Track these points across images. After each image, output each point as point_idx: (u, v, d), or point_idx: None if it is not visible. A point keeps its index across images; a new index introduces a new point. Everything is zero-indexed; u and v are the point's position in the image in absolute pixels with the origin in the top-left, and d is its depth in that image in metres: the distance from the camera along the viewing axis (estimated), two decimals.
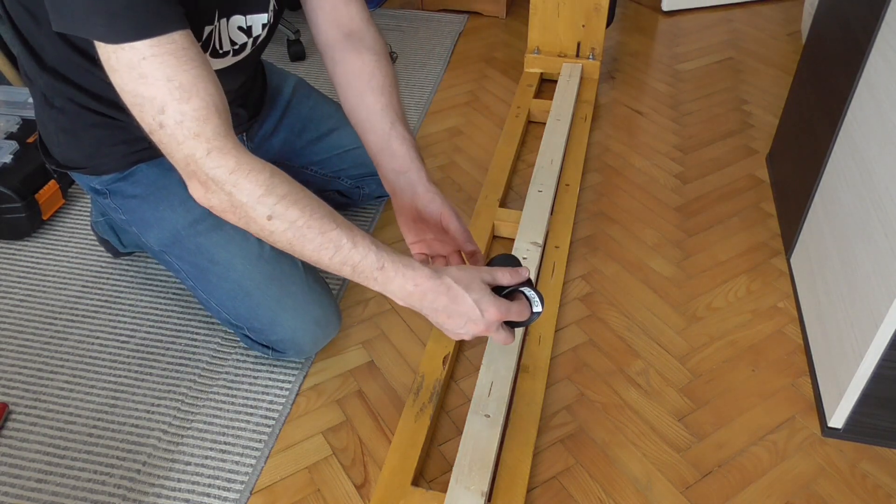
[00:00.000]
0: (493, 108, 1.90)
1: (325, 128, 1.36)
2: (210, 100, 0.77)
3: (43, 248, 1.45)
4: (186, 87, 0.75)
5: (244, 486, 1.03)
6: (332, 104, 1.40)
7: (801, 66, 1.46)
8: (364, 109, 1.00)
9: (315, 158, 1.37)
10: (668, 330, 1.28)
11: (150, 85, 0.74)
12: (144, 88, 0.74)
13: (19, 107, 1.61)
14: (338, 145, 1.36)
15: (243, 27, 1.00)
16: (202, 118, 0.76)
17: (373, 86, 0.99)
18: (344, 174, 1.40)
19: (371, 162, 1.37)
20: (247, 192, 0.78)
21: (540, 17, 1.89)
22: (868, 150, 1.08)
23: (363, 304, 1.33)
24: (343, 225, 0.82)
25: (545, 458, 1.08)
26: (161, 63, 0.74)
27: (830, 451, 1.08)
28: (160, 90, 0.74)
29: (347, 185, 1.42)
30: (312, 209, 0.80)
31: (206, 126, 0.76)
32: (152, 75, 0.74)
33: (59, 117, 1.05)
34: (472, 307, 0.82)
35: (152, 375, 1.19)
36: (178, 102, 0.75)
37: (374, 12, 2.37)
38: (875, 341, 0.97)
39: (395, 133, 0.98)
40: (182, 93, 0.75)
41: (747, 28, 2.27)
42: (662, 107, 1.89)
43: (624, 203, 1.57)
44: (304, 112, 1.35)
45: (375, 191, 1.45)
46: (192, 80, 0.76)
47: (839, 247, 1.14)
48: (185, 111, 0.75)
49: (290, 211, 0.79)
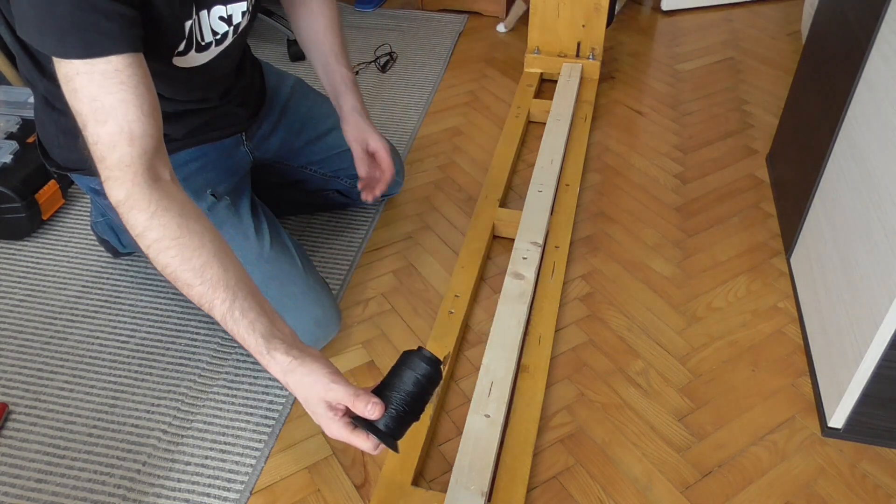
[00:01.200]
0: (493, 108, 1.90)
1: (324, 127, 1.36)
2: (127, 126, 0.78)
3: (43, 248, 1.45)
4: (106, 109, 0.78)
5: (244, 486, 1.03)
6: (328, 103, 1.39)
7: (801, 66, 1.46)
8: (314, 42, 1.23)
9: (314, 158, 1.37)
10: (668, 330, 1.28)
11: (79, 101, 0.78)
12: (75, 102, 0.78)
13: (19, 107, 1.61)
14: (336, 145, 1.36)
15: (224, 17, 1.00)
16: (111, 144, 0.78)
17: (322, 23, 1.21)
18: (343, 173, 1.40)
19: None
20: (131, 224, 0.80)
21: (540, 17, 1.89)
22: (868, 150, 1.08)
23: (363, 304, 1.33)
24: (210, 281, 0.80)
25: (545, 458, 1.08)
26: (89, 81, 0.77)
27: (830, 451, 1.08)
28: (85, 107, 0.78)
29: (346, 184, 1.42)
30: (184, 258, 0.80)
31: (113, 153, 0.78)
32: (81, 91, 0.77)
33: (60, 119, 1.05)
34: (314, 415, 0.80)
35: (152, 375, 1.19)
36: (95, 124, 0.78)
37: (374, 12, 2.38)
38: (875, 341, 0.97)
39: (333, 59, 1.22)
40: (101, 115, 0.78)
41: (747, 28, 2.27)
42: (662, 107, 1.89)
43: (624, 203, 1.57)
44: (303, 112, 1.35)
45: None
46: (114, 104, 0.78)
47: (839, 247, 1.14)
48: (100, 133, 0.78)
49: (161, 256, 0.80)
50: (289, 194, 1.45)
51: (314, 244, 1.45)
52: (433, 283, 1.37)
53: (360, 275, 1.40)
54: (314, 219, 1.52)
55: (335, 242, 1.46)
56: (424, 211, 1.55)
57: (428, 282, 1.38)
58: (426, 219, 1.53)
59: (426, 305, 1.33)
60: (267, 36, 2.23)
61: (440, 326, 1.23)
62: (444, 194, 1.60)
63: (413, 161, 1.70)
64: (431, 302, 1.34)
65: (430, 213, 1.55)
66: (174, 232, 0.80)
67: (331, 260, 1.42)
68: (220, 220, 1.14)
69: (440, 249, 1.45)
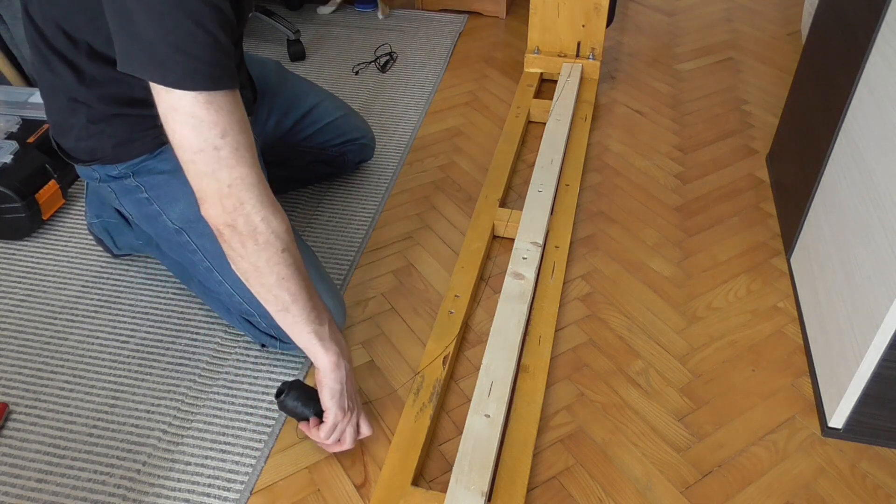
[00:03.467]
0: (493, 108, 1.90)
1: (308, 105, 1.45)
2: (253, 140, 0.88)
3: (43, 248, 1.44)
4: (243, 122, 0.85)
5: (244, 486, 1.03)
6: (305, 82, 1.50)
7: (801, 66, 1.46)
8: None
9: (302, 135, 1.45)
10: (668, 330, 1.28)
11: (215, 111, 0.82)
12: (206, 113, 0.81)
13: (19, 107, 1.61)
14: (318, 119, 1.46)
15: None
16: (253, 152, 0.87)
17: None
18: (328, 144, 1.50)
19: (349, 129, 1.54)
20: (273, 226, 0.89)
21: (540, 17, 1.89)
22: (868, 150, 1.08)
23: (363, 304, 1.33)
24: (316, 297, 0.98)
25: (545, 458, 1.08)
26: (226, 95, 0.83)
27: (830, 451, 1.08)
28: (223, 118, 0.83)
29: (333, 153, 1.54)
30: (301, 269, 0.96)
31: (256, 160, 0.87)
32: (218, 104, 0.82)
33: (89, 110, 1.07)
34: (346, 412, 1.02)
35: (152, 375, 1.19)
36: (237, 133, 0.84)
37: (374, 12, 2.38)
38: (875, 341, 0.97)
39: None
40: (241, 126, 0.85)
41: (747, 28, 2.27)
42: (662, 107, 1.89)
43: (624, 203, 1.57)
44: (287, 93, 1.42)
45: (357, 155, 1.58)
46: (245, 119, 0.86)
47: (839, 247, 1.14)
48: (241, 141, 0.85)
49: (298, 253, 0.94)
50: (277, 172, 1.46)
51: (314, 244, 1.45)
52: (433, 283, 1.37)
53: (360, 275, 1.40)
54: (314, 218, 1.52)
55: (335, 242, 1.46)
56: (424, 211, 1.55)
57: (428, 282, 1.38)
58: (426, 219, 1.53)
59: (426, 305, 1.33)
60: (267, 36, 2.23)
61: (440, 326, 1.23)
62: (444, 194, 1.60)
63: (413, 161, 1.70)
64: (431, 302, 1.34)
65: (430, 213, 1.55)
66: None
67: (331, 260, 1.42)
68: None
69: (440, 249, 1.45)
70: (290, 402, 1.02)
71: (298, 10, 2.38)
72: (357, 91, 1.96)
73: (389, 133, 1.79)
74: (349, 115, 1.54)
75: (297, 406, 1.03)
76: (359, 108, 1.88)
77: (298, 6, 2.39)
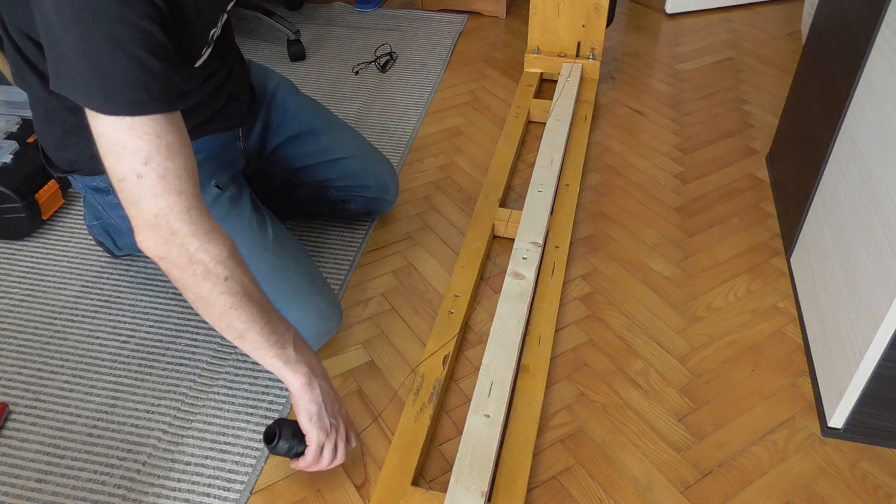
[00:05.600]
0: (493, 108, 1.90)
1: (310, 126, 1.34)
2: (191, 164, 0.82)
3: (43, 248, 1.45)
4: (173, 147, 0.80)
5: (244, 486, 1.03)
6: (319, 108, 1.39)
7: (801, 66, 1.46)
8: None
9: (299, 164, 1.35)
10: (668, 330, 1.28)
11: (139, 137, 0.78)
12: (128, 139, 0.78)
13: (19, 107, 1.61)
14: (324, 151, 1.35)
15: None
16: (185, 177, 0.81)
17: None
18: (330, 184, 1.38)
19: (360, 174, 1.38)
20: (212, 254, 0.84)
21: (540, 17, 1.89)
22: (868, 150, 1.08)
23: (363, 304, 1.33)
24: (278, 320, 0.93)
25: (545, 458, 1.08)
26: (153, 121, 0.78)
27: (830, 451, 1.08)
28: (147, 143, 0.78)
29: (334, 196, 1.41)
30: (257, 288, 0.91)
31: (188, 185, 0.81)
32: (142, 129, 0.78)
33: (65, 121, 1.06)
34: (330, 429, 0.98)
35: (152, 375, 1.19)
36: (163, 158, 0.79)
37: (374, 12, 2.38)
38: (875, 341, 0.97)
39: None
40: (169, 151, 0.79)
41: (747, 28, 2.27)
42: (662, 107, 1.89)
43: (624, 203, 1.57)
44: (289, 107, 1.33)
45: (362, 207, 1.44)
46: (179, 143, 0.81)
47: (839, 247, 1.14)
48: (169, 167, 0.79)
49: (245, 278, 0.88)
50: (280, 202, 1.44)
51: (314, 244, 1.45)
52: (433, 283, 1.37)
53: (360, 275, 1.40)
54: (314, 218, 1.52)
55: (335, 242, 1.46)
56: (424, 211, 1.55)
57: (428, 282, 1.38)
58: (426, 219, 1.53)
59: (426, 305, 1.33)
60: (267, 36, 2.23)
61: (440, 326, 1.23)
62: (444, 194, 1.60)
63: (413, 161, 1.70)
64: (431, 302, 1.34)
65: (430, 213, 1.55)
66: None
67: (331, 260, 1.42)
68: (225, 211, 1.14)
69: (440, 249, 1.45)
70: (283, 445, 0.96)
71: (298, 10, 2.38)
72: (357, 91, 1.96)
73: (389, 133, 1.79)
74: (366, 157, 1.39)
75: (292, 445, 0.96)
76: (358, 108, 1.88)
77: (298, 6, 2.39)
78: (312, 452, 0.96)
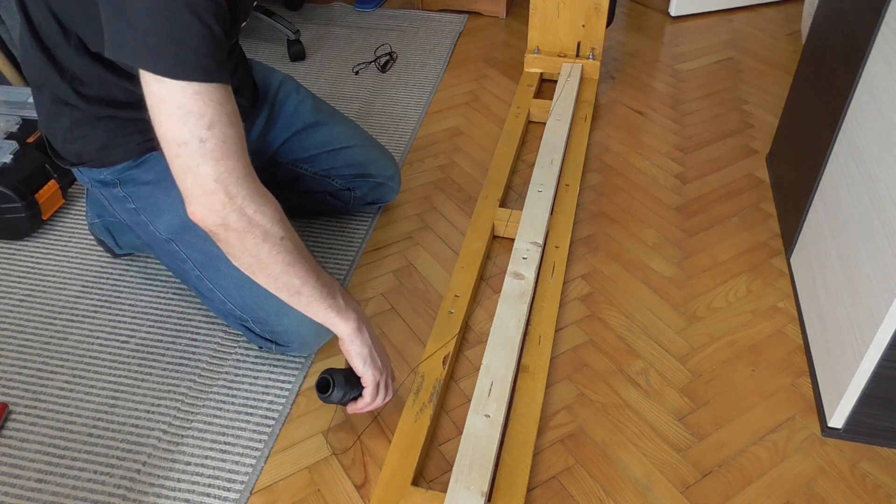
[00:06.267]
0: (493, 108, 1.90)
1: (312, 119, 1.36)
2: (243, 136, 0.86)
3: (43, 248, 1.44)
4: (232, 116, 0.83)
5: (244, 486, 1.03)
6: (320, 102, 1.41)
7: (801, 66, 1.46)
8: None
9: (303, 154, 1.37)
10: (668, 330, 1.28)
11: (203, 103, 0.80)
12: (194, 103, 0.80)
13: (19, 107, 1.61)
14: (327, 142, 1.37)
15: None
16: (242, 146, 0.85)
17: None
18: (335, 173, 1.40)
19: (363, 162, 1.40)
20: (268, 216, 0.88)
21: (540, 17, 1.89)
22: (868, 150, 1.08)
23: (363, 305, 1.33)
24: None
25: (545, 458, 1.08)
26: (216, 89, 0.81)
27: (830, 451, 1.08)
28: (211, 109, 0.81)
29: (338, 185, 1.41)
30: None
31: (244, 153, 0.85)
32: (207, 96, 0.80)
33: (73, 112, 1.06)
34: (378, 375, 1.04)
35: (152, 375, 1.19)
36: (224, 125, 0.82)
37: (374, 12, 2.38)
38: (875, 341, 0.97)
39: None
40: (229, 119, 0.83)
41: (747, 28, 2.27)
42: (662, 107, 1.89)
43: (624, 203, 1.57)
44: (292, 104, 1.36)
45: (367, 195, 1.45)
46: (235, 113, 0.84)
47: (839, 247, 1.14)
48: (229, 134, 0.83)
49: (295, 236, 0.93)
50: (282, 195, 1.44)
51: (314, 244, 1.45)
52: (433, 283, 1.37)
53: (360, 275, 1.40)
54: (314, 219, 1.52)
55: (335, 242, 1.46)
56: (424, 211, 1.55)
57: (428, 282, 1.38)
58: (426, 219, 1.53)
59: (426, 305, 1.33)
60: (267, 36, 2.23)
61: (440, 326, 1.23)
62: (444, 194, 1.60)
63: (413, 161, 1.70)
64: (431, 302, 1.34)
65: (430, 213, 1.55)
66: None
67: (331, 260, 1.42)
68: None
69: (440, 249, 1.45)
70: (337, 393, 1.02)
71: (298, 10, 2.38)
72: (357, 91, 1.96)
73: (389, 133, 1.79)
74: (369, 147, 1.42)
75: (346, 392, 1.03)
76: (359, 108, 1.88)
77: (298, 6, 2.39)
78: (370, 391, 1.03)
